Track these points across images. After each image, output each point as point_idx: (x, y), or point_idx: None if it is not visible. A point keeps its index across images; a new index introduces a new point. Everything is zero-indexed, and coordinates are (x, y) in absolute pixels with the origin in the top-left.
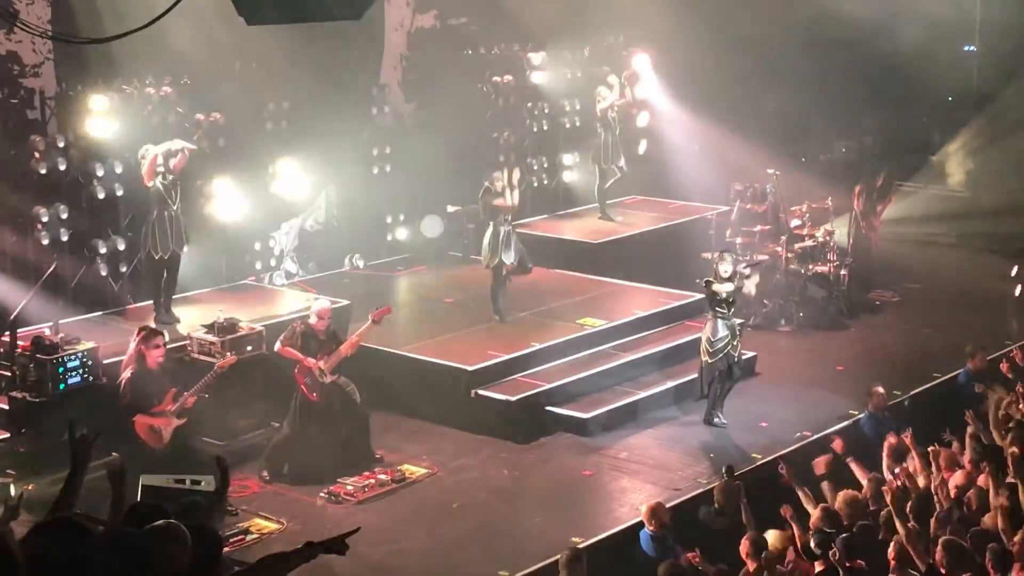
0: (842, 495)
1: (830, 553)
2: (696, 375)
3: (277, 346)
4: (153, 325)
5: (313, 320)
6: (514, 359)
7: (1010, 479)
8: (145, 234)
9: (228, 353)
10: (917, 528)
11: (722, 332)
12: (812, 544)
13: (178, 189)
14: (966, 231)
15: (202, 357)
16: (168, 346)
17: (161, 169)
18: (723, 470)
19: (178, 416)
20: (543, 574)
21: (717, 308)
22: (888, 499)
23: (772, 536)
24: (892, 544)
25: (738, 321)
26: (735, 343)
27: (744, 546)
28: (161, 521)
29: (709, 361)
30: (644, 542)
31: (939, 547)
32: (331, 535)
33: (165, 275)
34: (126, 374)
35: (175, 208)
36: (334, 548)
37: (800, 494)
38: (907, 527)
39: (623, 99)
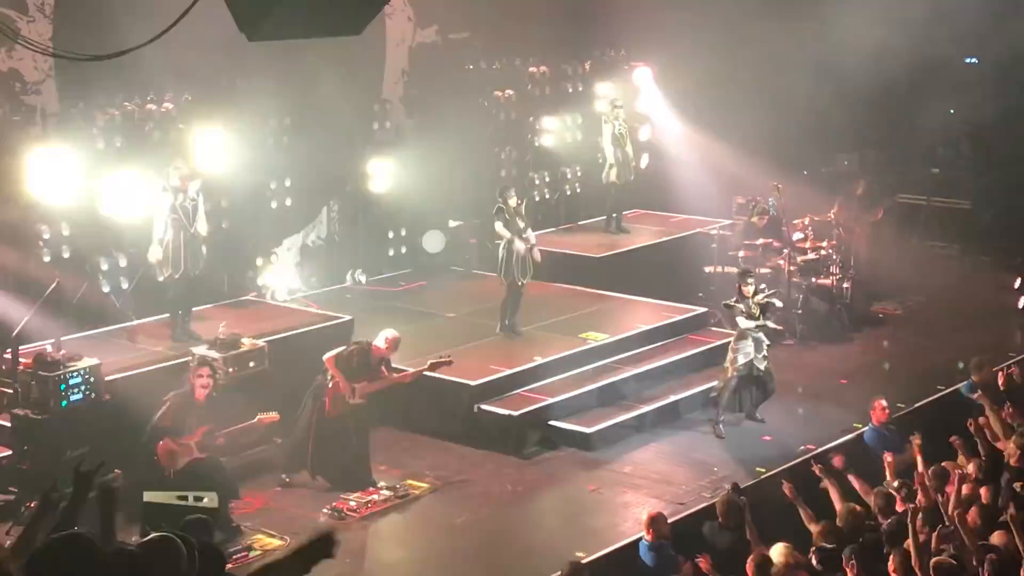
0: (841, 508)
1: (847, 566)
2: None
3: (327, 356)
4: (204, 352)
5: (380, 343)
6: (517, 373)
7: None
8: (161, 253)
9: (273, 412)
10: (925, 539)
11: (748, 346)
12: (814, 561)
13: (198, 210)
14: (968, 243)
15: None
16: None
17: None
18: (729, 489)
19: (200, 450)
20: None
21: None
22: (900, 508)
23: (777, 552)
24: (892, 557)
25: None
26: (760, 355)
27: (750, 565)
28: (156, 535)
29: (731, 373)
30: (643, 552)
31: (932, 568)
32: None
33: (181, 295)
34: (170, 397)
35: (192, 229)
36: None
37: (801, 511)
38: (917, 539)
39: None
